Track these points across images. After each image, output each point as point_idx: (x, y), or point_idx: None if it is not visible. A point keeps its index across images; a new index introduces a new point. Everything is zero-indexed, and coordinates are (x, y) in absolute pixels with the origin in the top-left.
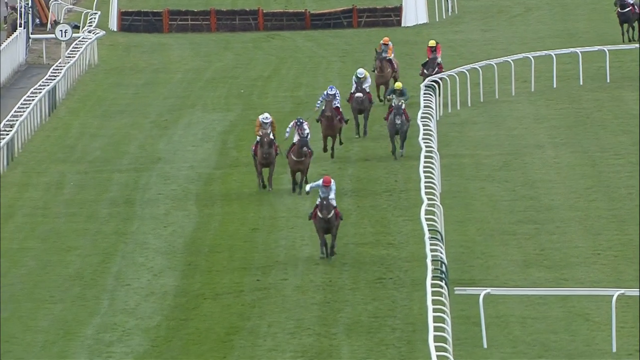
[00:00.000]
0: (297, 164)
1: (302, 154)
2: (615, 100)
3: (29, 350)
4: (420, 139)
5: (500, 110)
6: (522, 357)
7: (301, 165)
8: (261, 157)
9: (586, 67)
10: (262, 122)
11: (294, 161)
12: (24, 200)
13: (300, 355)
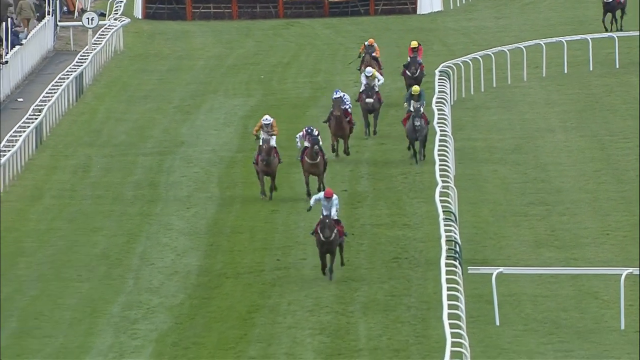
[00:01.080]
0: (312, 166)
1: (315, 155)
2: (624, 85)
3: (57, 327)
4: (435, 123)
5: (512, 95)
6: (533, 334)
7: (316, 169)
8: (261, 164)
9: (596, 54)
10: (263, 123)
11: (309, 164)
12: (52, 183)
13: (319, 333)
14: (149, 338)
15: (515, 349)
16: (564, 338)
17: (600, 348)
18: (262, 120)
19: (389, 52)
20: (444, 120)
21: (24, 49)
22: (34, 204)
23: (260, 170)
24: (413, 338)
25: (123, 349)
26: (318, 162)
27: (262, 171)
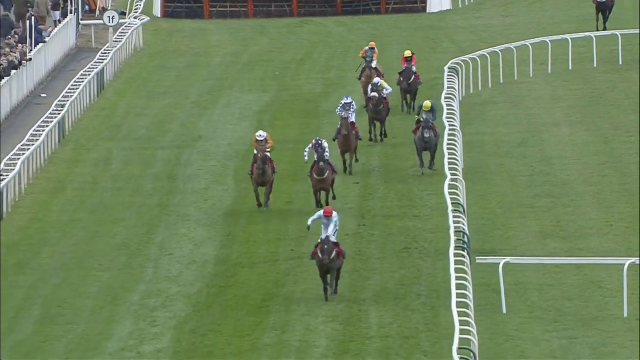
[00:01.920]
0: (319, 182)
1: (322, 170)
2: (626, 81)
3: (79, 315)
4: (444, 118)
5: (518, 90)
6: (538, 322)
7: (324, 184)
8: (256, 174)
9: (599, 51)
10: (256, 138)
11: (316, 180)
12: (73, 175)
13: (331, 320)
14: (168, 325)
15: (521, 335)
16: (568, 325)
17: (603, 335)
18: (256, 135)
19: (399, 49)
20: (453, 114)
21: (47, 46)
22: (56, 196)
23: (255, 181)
24: (423, 325)
25: (142, 336)
26: (326, 178)
27: (256, 181)
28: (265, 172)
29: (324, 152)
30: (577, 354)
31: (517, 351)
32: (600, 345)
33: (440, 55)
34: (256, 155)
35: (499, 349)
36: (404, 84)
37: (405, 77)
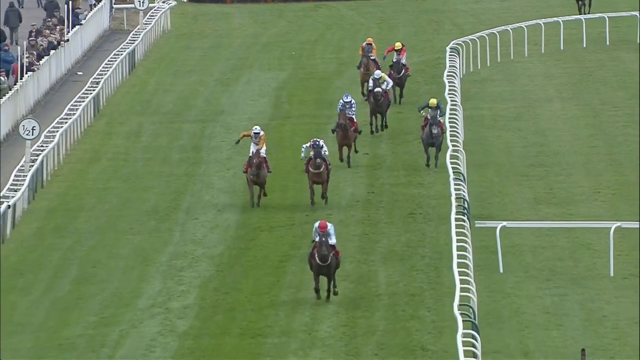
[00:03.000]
0: (315, 175)
1: (318, 165)
2: (614, 60)
3: (112, 274)
4: (446, 94)
5: (514, 69)
6: (532, 281)
7: (319, 178)
8: (251, 177)
9: (589, 32)
10: (253, 133)
11: (312, 173)
12: (107, 147)
13: (343, 279)
14: (193, 284)
15: (517, 293)
16: (559, 284)
17: (592, 292)
18: (252, 129)
19: (405, 31)
20: (454, 91)
21: (83, 28)
22: (92, 165)
23: (249, 180)
24: (427, 284)
25: (170, 294)
26: (321, 172)
27: (251, 181)
28: (260, 174)
29: (321, 150)
30: (568, 309)
31: (513, 307)
32: (588, 301)
33: (442, 36)
34: (252, 157)
35: (496, 306)
36: (395, 77)
37: (396, 71)
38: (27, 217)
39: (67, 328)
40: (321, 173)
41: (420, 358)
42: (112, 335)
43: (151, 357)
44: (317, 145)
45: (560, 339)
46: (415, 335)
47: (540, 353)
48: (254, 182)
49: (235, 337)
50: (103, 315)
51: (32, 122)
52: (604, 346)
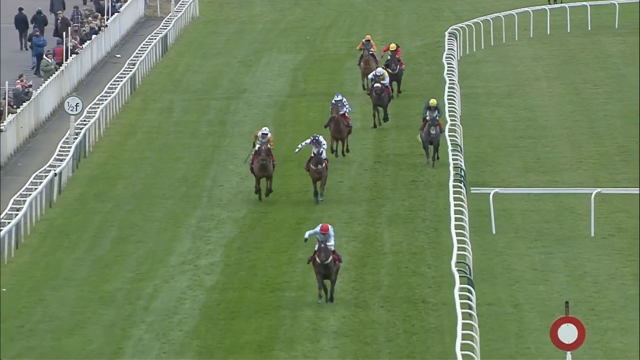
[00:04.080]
0: (316, 172)
1: (319, 161)
2: (594, 43)
3: (146, 235)
4: (445, 74)
5: (506, 51)
6: (522, 241)
7: (319, 174)
8: (258, 167)
9: (573, 18)
10: (261, 134)
11: (313, 170)
12: (143, 121)
13: (353, 240)
14: (219, 243)
15: (508, 252)
16: (546, 243)
17: (575, 251)
18: (261, 130)
19: (409, 18)
20: (452, 71)
21: (121, 16)
22: (129, 138)
23: (256, 173)
24: (427, 244)
25: (199, 252)
26: (322, 169)
27: (258, 174)
28: (267, 166)
29: (321, 147)
30: (553, 266)
31: (504, 265)
32: (571, 259)
33: (442, 22)
34: (260, 148)
35: (489, 263)
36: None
37: (392, 69)
38: (72, 184)
39: (107, 282)
40: (321, 170)
41: (422, 310)
42: (147, 289)
43: (181, 309)
44: (317, 141)
45: (546, 292)
46: (417, 290)
47: (528, 305)
48: (261, 175)
49: (256, 291)
50: (139, 271)
51: (76, 99)
52: (585, 299)
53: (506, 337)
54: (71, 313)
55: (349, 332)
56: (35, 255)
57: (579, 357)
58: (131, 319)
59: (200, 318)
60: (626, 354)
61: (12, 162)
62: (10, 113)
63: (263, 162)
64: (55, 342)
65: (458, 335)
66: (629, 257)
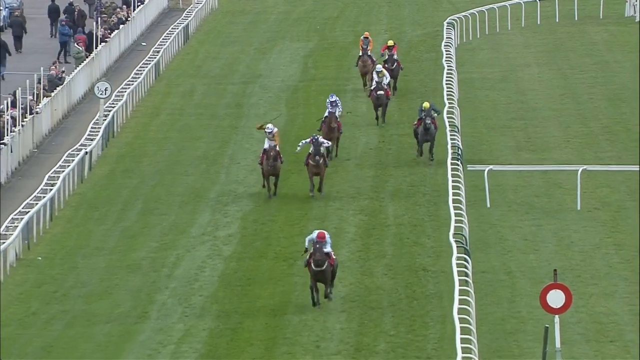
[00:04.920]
0: (314, 167)
1: (317, 160)
2: (581, 32)
3: (170, 208)
4: (444, 61)
5: (500, 39)
6: (514, 213)
7: (318, 169)
8: (267, 168)
9: (561, 9)
10: (266, 131)
11: (312, 165)
12: (166, 104)
13: (359, 213)
14: (236, 216)
15: (501, 224)
16: (536, 216)
17: (562, 223)
18: (266, 127)
19: (410, 9)
20: (450, 58)
21: (146, 7)
22: (153, 119)
23: (265, 171)
24: (427, 216)
25: (217, 224)
26: (320, 164)
27: (267, 172)
28: (276, 165)
29: (320, 146)
30: (543, 237)
31: (498, 236)
32: (559, 230)
33: (441, 13)
34: (268, 150)
35: (484, 234)
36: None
37: (390, 65)
38: (101, 162)
39: (133, 251)
40: (320, 165)
41: (422, 277)
42: (170, 258)
43: (202, 276)
44: (316, 140)
45: (536, 261)
46: (417, 258)
47: (520, 273)
48: (269, 173)
49: (270, 260)
50: (163, 242)
51: (105, 84)
52: (571, 267)
53: (499, 302)
54: (100, 279)
55: (356, 298)
56: (67, 227)
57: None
58: (155, 285)
59: (219, 284)
60: (609, 317)
61: (47, 141)
62: (45, 97)
63: (273, 163)
64: (86, 306)
65: (455, 300)
66: (612, 228)
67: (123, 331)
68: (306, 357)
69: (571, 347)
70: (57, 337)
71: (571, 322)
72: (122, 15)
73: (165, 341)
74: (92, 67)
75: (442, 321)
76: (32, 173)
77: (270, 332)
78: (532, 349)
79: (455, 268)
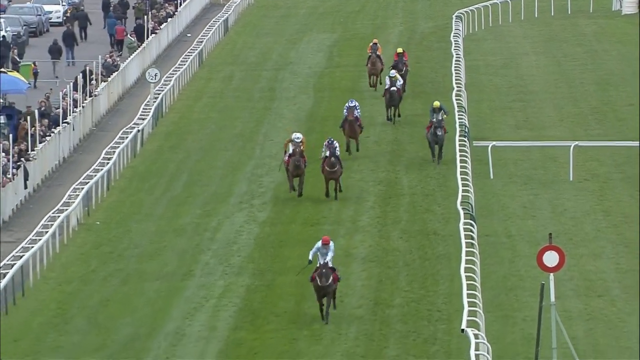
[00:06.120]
0: (330, 173)
1: (333, 164)
2: (573, 25)
3: (211, 180)
4: (452, 49)
5: (501, 31)
6: (514, 184)
7: (334, 175)
8: (292, 166)
9: (556, 4)
10: (293, 139)
11: (328, 171)
12: (208, 88)
13: (378, 184)
14: (270, 187)
15: (503, 193)
16: (533, 186)
17: (556, 193)
18: (292, 136)
19: (423, 3)
20: (458, 47)
21: (190, 3)
22: (196, 102)
23: (290, 172)
24: (437, 187)
25: (253, 194)
26: (336, 170)
27: (292, 173)
28: (299, 166)
29: (335, 150)
30: (539, 205)
31: (500, 204)
32: (554, 199)
33: (450, 7)
34: (294, 150)
35: (487, 202)
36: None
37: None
38: (151, 139)
39: (179, 218)
40: (335, 171)
41: (433, 240)
42: (211, 223)
43: (239, 239)
44: (331, 143)
45: (533, 225)
46: (429, 224)
47: (519, 236)
48: (294, 175)
49: (299, 225)
50: (205, 209)
51: (155, 70)
52: (565, 231)
53: (501, 262)
54: (151, 242)
55: (374, 258)
56: (122, 196)
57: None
58: (199, 247)
59: (254, 246)
60: (597, 275)
61: (104, 120)
62: (102, 81)
63: (297, 162)
64: (138, 265)
65: (462, 260)
66: (600, 197)
67: (170, 287)
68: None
69: (564, 301)
70: (113, 292)
71: (564, 279)
72: (170, 10)
73: (207, 296)
74: (143, 56)
75: (451, 279)
76: (91, 149)
77: (299, 288)
78: (530, 303)
79: (462, 232)
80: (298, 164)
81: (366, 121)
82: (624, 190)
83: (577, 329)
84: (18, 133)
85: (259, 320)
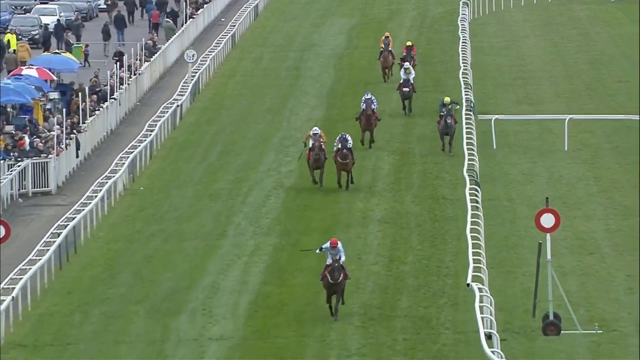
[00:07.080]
0: (342, 165)
1: (345, 155)
2: (568, 10)
3: (243, 149)
4: (460, 32)
5: (503, 16)
6: (514, 154)
7: (346, 167)
8: (313, 159)
9: None
10: (312, 134)
11: (340, 162)
12: (240, 67)
13: (392, 154)
14: (295, 156)
15: (504, 161)
16: (532, 155)
17: (553, 161)
18: (311, 131)
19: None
20: (465, 30)
21: None
22: (230, 79)
23: (311, 165)
24: (446, 156)
25: (280, 163)
26: (348, 162)
27: (312, 166)
28: (320, 158)
29: (347, 143)
30: (537, 172)
31: (501, 170)
32: (550, 167)
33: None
34: (314, 144)
35: (490, 169)
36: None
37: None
38: (189, 113)
39: (214, 183)
40: (347, 163)
41: (442, 203)
42: (243, 188)
43: (268, 203)
44: (344, 138)
45: (532, 191)
46: (438, 189)
47: (519, 200)
48: (314, 167)
49: (322, 190)
50: (237, 175)
51: (192, 51)
52: (560, 196)
53: (503, 223)
54: (189, 205)
55: (389, 220)
56: (163, 164)
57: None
58: (232, 210)
59: (282, 209)
60: (589, 235)
61: (147, 96)
62: (145, 62)
63: (317, 156)
64: (178, 226)
65: (468, 222)
66: (592, 165)
67: (207, 246)
68: (351, 266)
69: (559, 258)
70: (156, 250)
71: (559, 238)
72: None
73: (240, 254)
74: (182, 38)
75: (458, 238)
76: (136, 122)
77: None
78: (529, 260)
79: (468, 196)
80: (317, 157)
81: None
82: (613, 159)
83: (570, 283)
84: (70, 107)
85: (286, 275)
